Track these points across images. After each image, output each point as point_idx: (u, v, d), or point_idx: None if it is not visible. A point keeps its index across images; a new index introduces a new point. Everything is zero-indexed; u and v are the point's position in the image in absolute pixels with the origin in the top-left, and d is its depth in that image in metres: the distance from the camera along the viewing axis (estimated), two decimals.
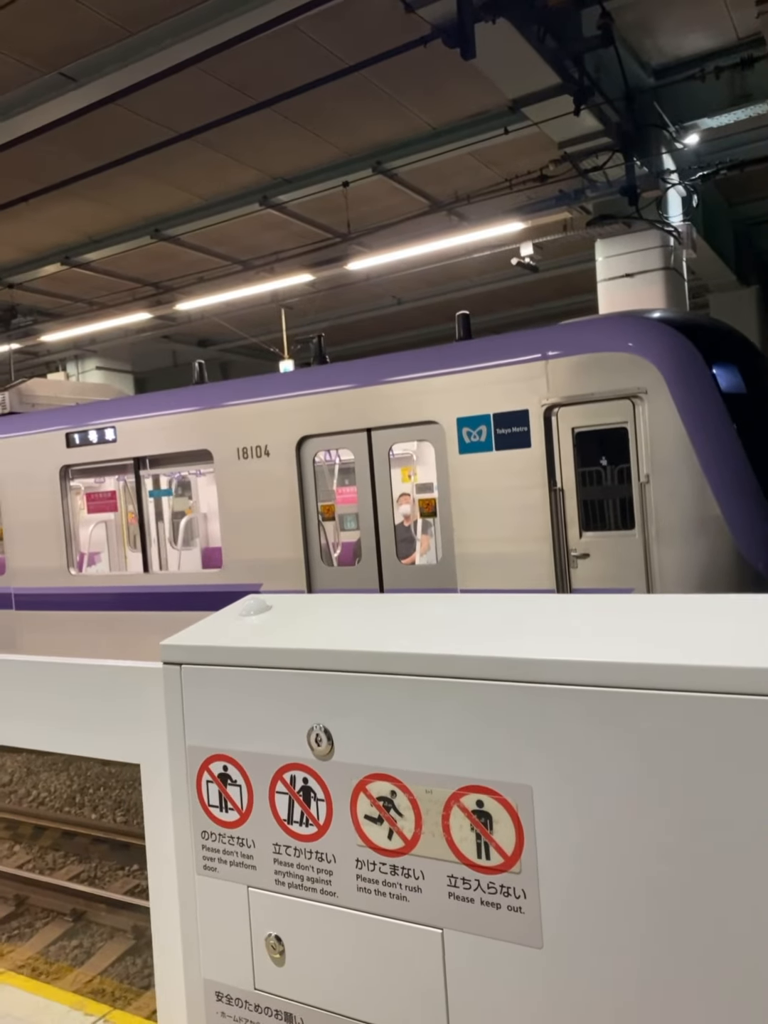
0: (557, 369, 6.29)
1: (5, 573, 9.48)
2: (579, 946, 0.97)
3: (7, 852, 6.70)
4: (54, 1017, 2.79)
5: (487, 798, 1.02)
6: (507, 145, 10.36)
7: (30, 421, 9.35)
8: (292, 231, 13.12)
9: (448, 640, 1.10)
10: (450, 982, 1.06)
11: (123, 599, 8.61)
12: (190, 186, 11.45)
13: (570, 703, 0.96)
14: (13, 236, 12.71)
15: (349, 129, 10.07)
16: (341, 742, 1.13)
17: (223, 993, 1.25)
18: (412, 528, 8.70)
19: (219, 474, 8.03)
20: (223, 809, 1.23)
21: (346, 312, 18.17)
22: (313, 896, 1.16)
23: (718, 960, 0.90)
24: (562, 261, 15.16)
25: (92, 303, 16.09)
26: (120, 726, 1.44)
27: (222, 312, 16.08)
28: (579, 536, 6.29)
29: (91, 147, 9.83)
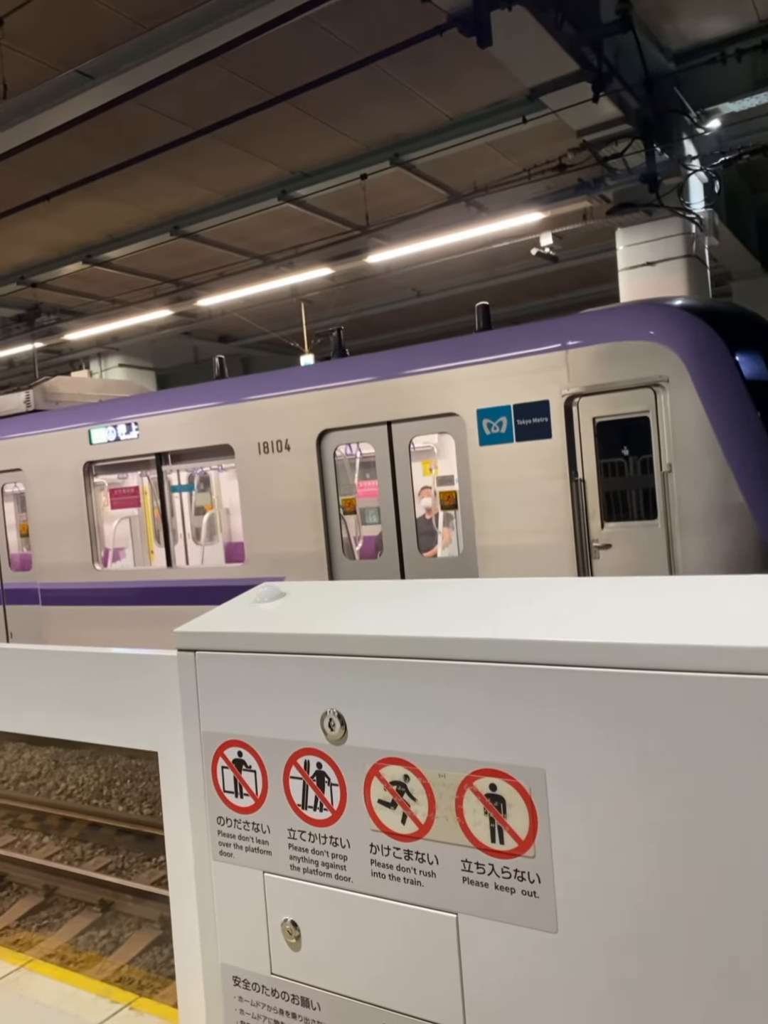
0: (578, 359, 6.24)
1: (32, 569, 9.59)
2: (593, 930, 0.96)
3: (37, 843, 6.79)
4: (81, 1005, 2.82)
5: (500, 782, 1.01)
6: (525, 134, 10.28)
7: (54, 418, 9.44)
8: (311, 225, 13.12)
9: (460, 624, 1.09)
10: (465, 966, 1.06)
11: (147, 594, 8.68)
12: (209, 182, 11.48)
13: (584, 685, 0.96)
14: (36, 235, 12.82)
15: (366, 122, 10.05)
16: (354, 727, 1.12)
17: (240, 978, 1.26)
18: (433, 521, 8.69)
19: (240, 469, 8.06)
20: (238, 795, 1.23)
21: (366, 306, 18.16)
22: (328, 881, 1.16)
23: (734, 944, 0.89)
24: (582, 250, 15.04)
25: (114, 301, 16.20)
26: (138, 714, 1.45)
27: (242, 308, 16.12)
28: (601, 527, 6.24)
29: (110, 145, 9.88)
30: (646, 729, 0.92)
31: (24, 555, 10.03)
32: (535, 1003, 1.01)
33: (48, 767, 8.57)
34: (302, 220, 12.90)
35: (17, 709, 1.59)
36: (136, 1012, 2.76)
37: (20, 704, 1.58)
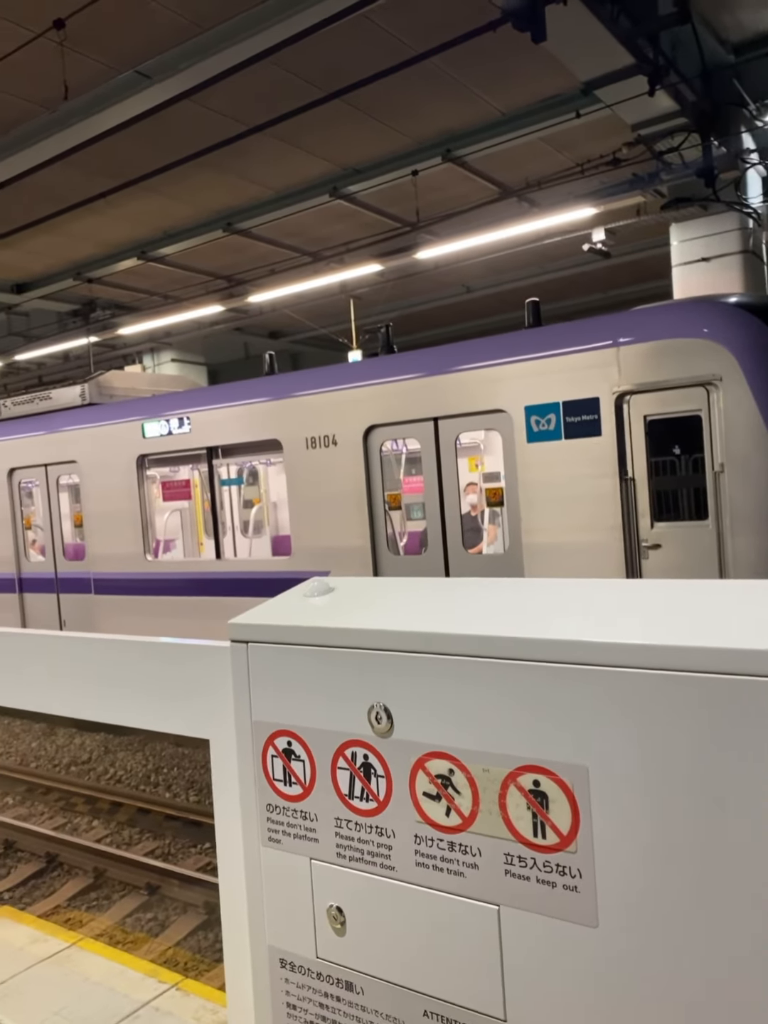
0: (629, 356, 6.18)
1: (85, 558, 9.82)
2: (635, 926, 0.98)
3: (87, 826, 6.97)
4: (129, 983, 2.91)
5: (544, 778, 1.03)
6: (579, 129, 10.18)
7: (109, 412, 9.64)
8: (361, 221, 13.16)
9: (507, 623, 1.11)
10: (506, 958, 1.08)
11: (196, 584, 8.83)
12: (261, 179, 11.60)
13: (629, 686, 0.97)
14: (92, 232, 13.09)
15: (418, 117, 10.05)
16: (401, 720, 1.15)
17: (287, 960, 1.30)
18: (479, 518, 8.67)
19: (288, 463, 8.15)
20: (287, 783, 1.27)
21: (414, 301, 18.16)
22: (373, 869, 1.19)
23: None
24: (635, 246, 14.83)
25: (167, 296, 16.45)
26: (191, 702, 1.50)
27: (292, 304, 16.25)
28: (651, 526, 6.18)
29: (166, 143, 10.04)
30: (690, 731, 0.93)
31: (78, 545, 10.28)
32: (575, 995, 1.03)
33: (98, 753, 8.78)
34: (353, 216, 12.95)
35: (77, 695, 1.65)
36: (182, 992, 2.83)
37: (80, 690, 1.64)
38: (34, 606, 10.40)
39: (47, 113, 8.94)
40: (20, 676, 1.74)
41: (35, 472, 10.33)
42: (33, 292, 15.57)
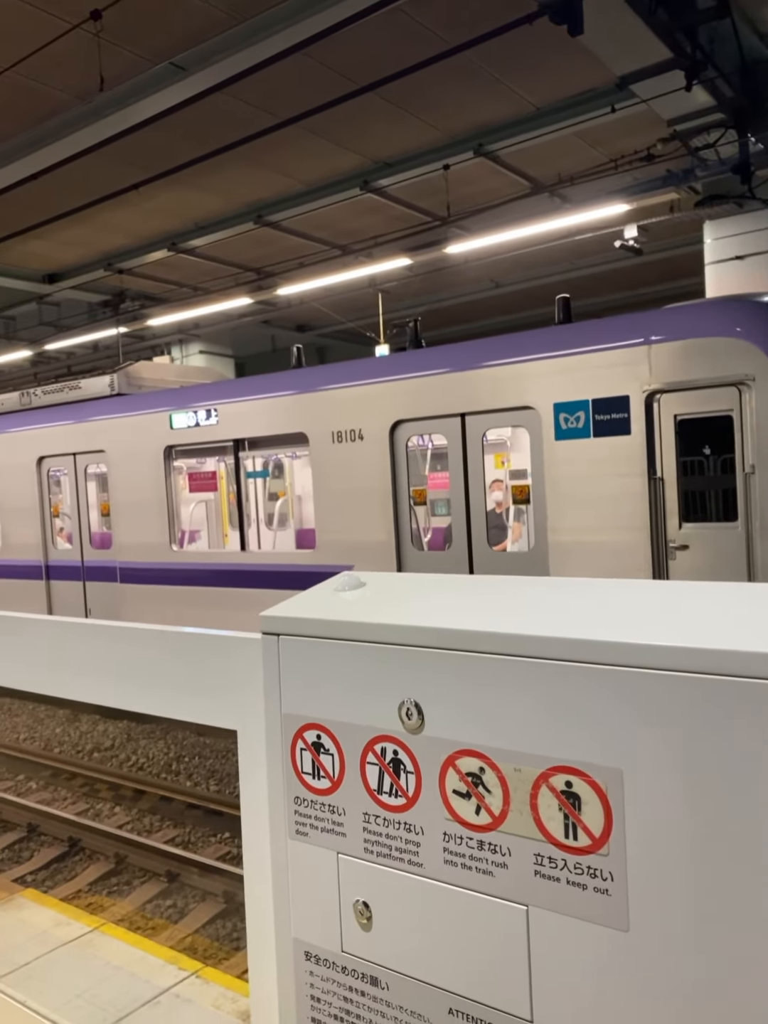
0: (660, 354, 6.12)
1: (111, 547, 9.91)
2: (667, 931, 0.97)
3: (108, 812, 7.04)
4: (150, 969, 2.93)
5: (576, 779, 1.02)
6: (613, 124, 10.08)
7: (137, 402, 9.71)
8: (391, 215, 13.13)
9: (541, 622, 1.10)
10: (534, 958, 1.07)
11: (221, 576, 8.88)
12: (292, 172, 11.60)
13: (665, 689, 0.96)
14: (123, 223, 13.17)
15: (451, 111, 10.00)
16: (431, 717, 1.15)
17: (311, 953, 1.30)
18: (504, 515, 8.64)
19: (314, 457, 8.16)
20: (316, 776, 1.27)
21: (442, 296, 18.10)
22: (401, 866, 1.18)
23: None
24: (668, 243, 14.67)
25: (196, 288, 16.54)
26: (219, 693, 1.50)
27: (320, 297, 16.26)
28: (679, 527, 6.12)
29: (198, 135, 10.07)
30: (728, 735, 0.92)
31: (104, 534, 10.37)
32: (604, 998, 1.02)
33: (121, 740, 8.87)
34: (383, 210, 12.92)
35: (109, 683, 1.66)
36: (203, 980, 2.85)
37: (112, 679, 1.65)
38: (60, 593, 10.51)
39: (82, 104, 9.00)
40: (56, 663, 1.76)
41: (64, 461, 10.43)
42: (64, 282, 15.71)
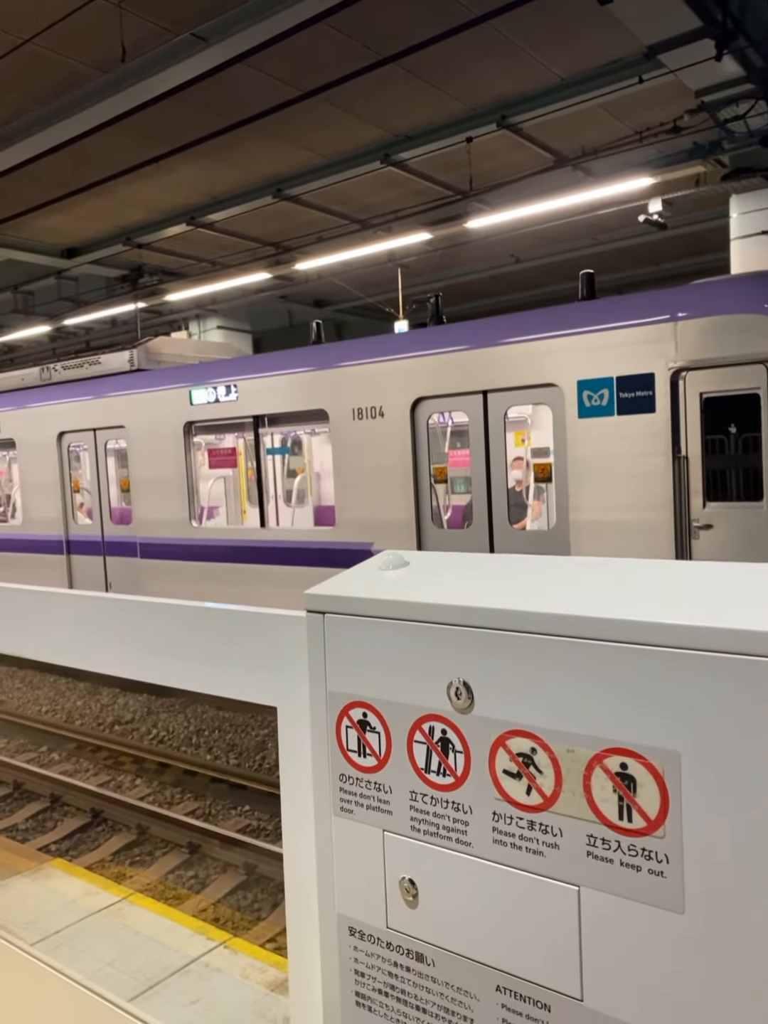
0: (686, 331, 6.04)
1: (131, 523, 9.96)
2: (723, 914, 0.96)
3: (130, 784, 7.13)
4: (180, 939, 2.98)
5: (632, 761, 1.01)
6: (640, 95, 9.89)
7: (157, 378, 9.71)
8: (412, 189, 12.99)
9: (595, 603, 1.09)
10: (585, 938, 1.07)
11: (240, 552, 8.91)
12: (312, 145, 11.48)
13: (728, 672, 0.94)
14: (143, 197, 13.10)
15: (474, 83, 9.84)
16: (481, 697, 1.14)
17: (356, 929, 1.30)
18: (524, 493, 8.61)
19: (334, 434, 8.14)
20: (361, 754, 1.26)
21: (462, 272, 17.93)
22: (448, 844, 1.18)
23: None
24: (692, 217, 14.44)
25: (214, 263, 16.46)
26: (260, 670, 1.50)
27: (339, 272, 16.15)
28: (703, 506, 6.07)
29: (218, 108, 9.97)
30: None
31: (124, 509, 10.42)
32: (656, 980, 1.02)
33: (141, 713, 8.96)
34: (404, 184, 12.78)
35: (149, 658, 1.67)
36: (231, 950, 2.89)
37: (152, 654, 1.66)
38: (81, 568, 10.59)
39: (102, 76, 8.92)
40: (94, 639, 1.76)
41: (84, 436, 10.47)
42: (82, 257, 15.67)
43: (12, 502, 12.75)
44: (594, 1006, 1.07)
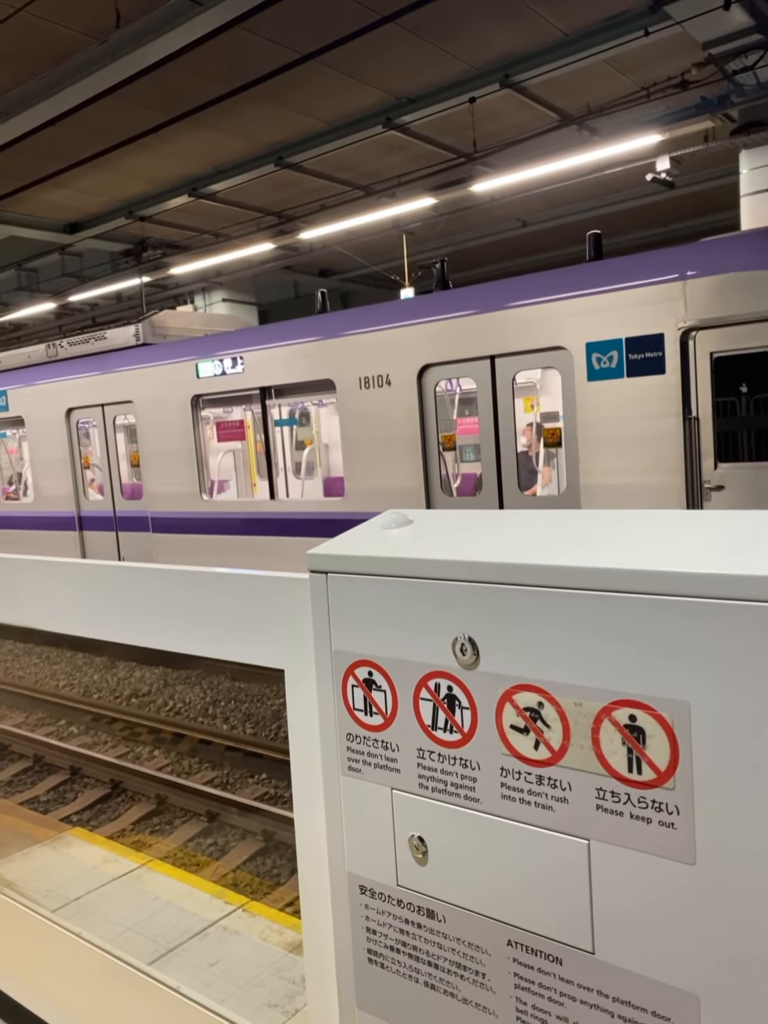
0: (696, 290, 5.94)
1: (142, 498, 9.97)
2: (735, 864, 0.95)
3: (148, 755, 7.21)
4: (198, 903, 3.01)
5: (641, 713, 1.00)
6: (646, 49, 9.67)
7: (163, 352, 9.67)
8: (415, 153, 12.79)
9: (600, 553, 1.07)
10: (595, 891, 1.06)
11: (251, 524, 8.92)
12: (313, 110, 11.30)
13: (736, 619, 0.92)
14: (143, 169, 12.96)
15: (477, 41, 9.63)
16: (487, 652, 1.12)
17: (366, 887, 1.30)
18: (534, 459, 8.56)
19: (341, 403, 8.10)
20: (368, 713, 1.25)
21: (468, 237, 17.71)
22: (457, 801, 1.18)
23: None
24: (701, 175, 14.19)
25: (218, 235, 16.32)
26: (266, 633, 1.49)
27: (343, 241, 15.98)
28: (714, 467, 6.01)
29: (217, 74, 9.82)
30: None
31: (135, 484, 10.43)
32: (668, 931, 1.01)
33: (157, 686, 9.04)
34: (406, 148, 12.59)
35: (156, 625, 1.66)
36: (249, 914, 2.93)
37: (159, 621, 1.65)
38: (94, 543, 10.63)
39: (98, 44, 8.78)
40: (102, 607, 1.76)
41: (92, 412, 10.46)
42: (86, 232, 15.56)
43: (23, 480, 12.79)
44: (606, 958, 1.06)
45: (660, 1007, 1.03)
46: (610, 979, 1.06)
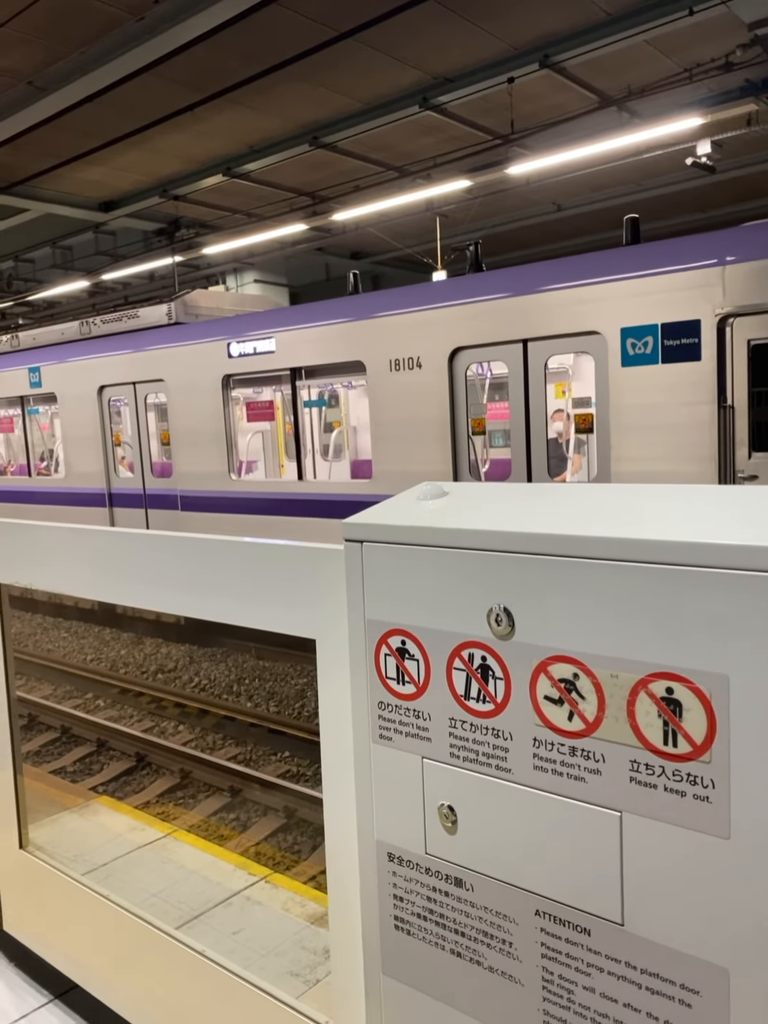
0: (735, 276, 5.84)
1: (172, 476, 10.05)
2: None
3: (173, 730, 7.30)
4: (222, 874, 3.05)
5: (678, 686, 0.99)
6: (690, 29, 9.47)
7: (195, 331, 9.70)
8: (451, 134, 12.67)
9: (637, 525, 1.06)
10: (627, 864, 1.06)
11: (279, 504, 8.96)
12: (349, 90, 11.22)
13: None
14: (178, 147, 12.96)
15: (516, 20, 9.49)
16: (522, 623, 1.12)
17: (395, 855, 1.31)
18: (565, 446, 8.49)
19: (371, 386, 8.08)
20: (400, 682, 1.26)
21: (502, 220, 17.53)
22: (488, 771, 1.18)
23: None
24: (743, 160, 13.91)
25: (251, 215, 16.30)
26: (299, 603, 1.50)
27: (376, 222, 15.91)
28: (748, 457, 5.93)
29: (254, 52, 9.77)
30: None
31: (165, 463, 10.51)
32: (699, 905, 1.01)
33: (183, 662, 9.13)
34: (442, 129, 12.47)
35: (189, 593, 1.67)
36: (272, 885, 2.96)
37: (192, 589, 1.66)
38: (123, 520, 10.74)
39: (135, 21, 8.78)
40: (136, 575, 1.78)
41: (124, 390, 10.53)
42: (120, 210, 15.62)
43: (55, 456, 12.93)
44: (635, 930, 1.06)
45: (689, 980, 1.02)
46: (639, 951, 1.06)
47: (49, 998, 2.39)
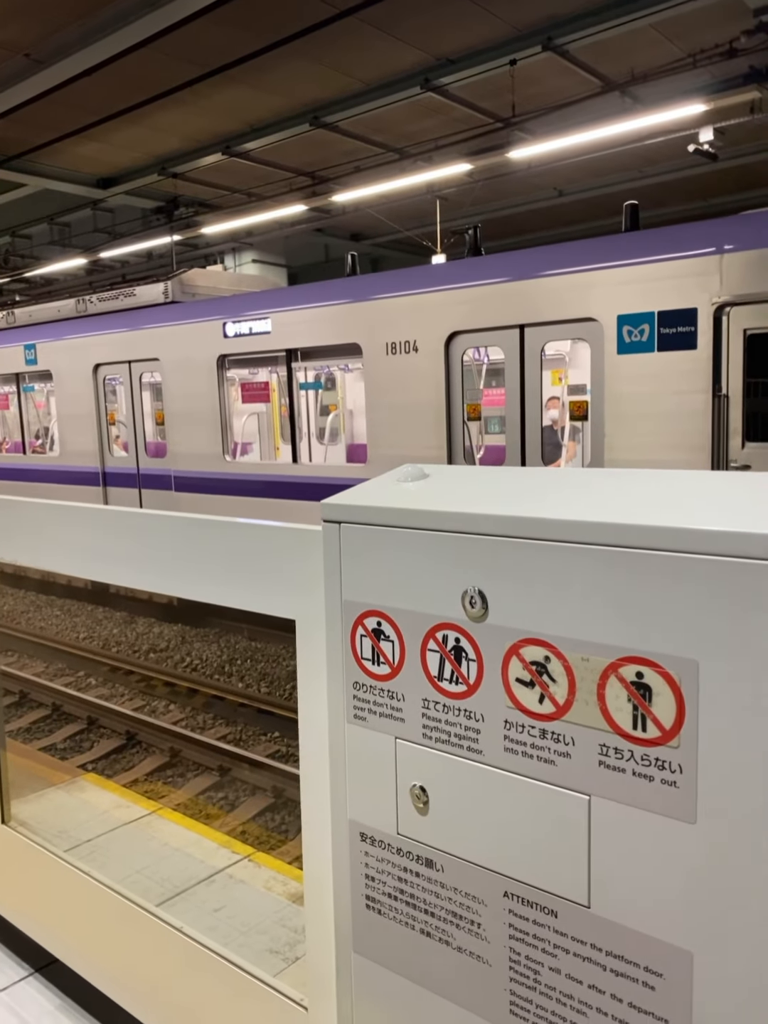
0: (733, 264, 5.82)
1: (166, 456, 10.02)
2: (736, 825, 0.94)
3: (163, 709, 7.32)
4: (205, 851, 3.07)
5: (648, 670, 0.99)
6: (694, 14, 9.39)
7: (191, 310, 9.64)
8: (452, 116, 12.56)
9: (611, 510, 1.06)
10: (594, 847, 1.06)
11: (273, 487, 8.95)
12: (350, 69, 11.11)
13: (747, 577, 0.91)
14: (177, 125, 12.84)
15: (520, 1, 9.39)
16: (496, 606, 1.12)
17: (367, 835, 1.31)
18: (560, 432, 8.48)
19: (367, 369, 8.05)
20: (375, 662, 1.26)
21: (502, 205, 17.43)
22: (460, 752, 1.18)
23: None
24: (745, 148, 13.83)
25: (250, 194, 16.18)
26: (277, 583, 1.49)
27: (376, 204, 15.80)
28: (741, 447, 5.93)
29: (255, 28, 9.66)
30: None
31: (159, 443, 10.48)
32: (665, 888, 1.01)
33: (175, 642, 9.15)
34: (444, 110, 12.36)
35: (167, 572, 1.67)
36: (254, 864, 2.98)
37: (173, 568, 1.66)
38: (117, 500, 10.72)
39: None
40: (118, 552, 1.77)
41: (119, 368, 10.48)
42: (118, 187, 15.49)
43: (49, 434, 12.89)
44: (601, 913, 1.07)
45: (653, 962, 1.03)
46: (604, 933, 1.07)
47: (29, 971, 2.41)
